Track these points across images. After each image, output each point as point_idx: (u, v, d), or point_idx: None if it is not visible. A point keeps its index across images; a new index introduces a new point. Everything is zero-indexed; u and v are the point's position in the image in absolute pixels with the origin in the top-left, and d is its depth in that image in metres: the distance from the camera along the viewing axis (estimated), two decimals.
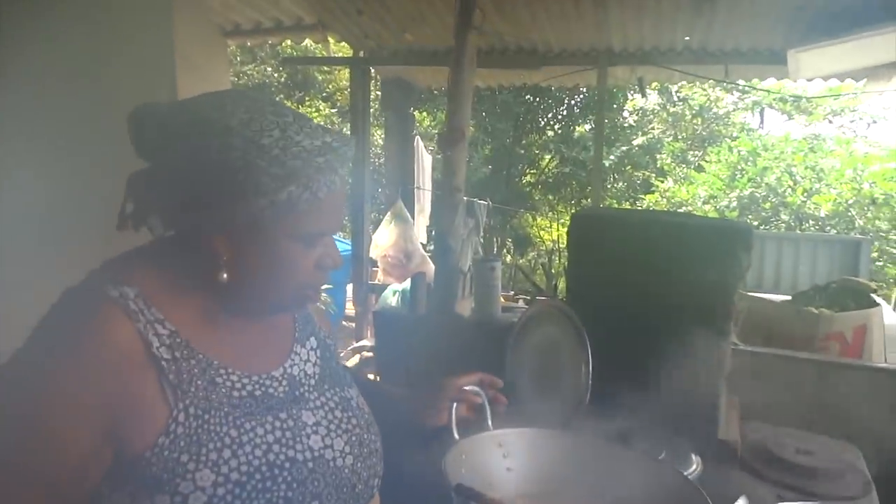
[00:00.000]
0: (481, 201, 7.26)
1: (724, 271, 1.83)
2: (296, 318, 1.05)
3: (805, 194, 8.08)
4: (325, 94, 14.42)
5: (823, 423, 2.26)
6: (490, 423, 1.26)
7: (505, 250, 14.06)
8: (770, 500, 1.68)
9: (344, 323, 6.88)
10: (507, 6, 4.08)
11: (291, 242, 0.87)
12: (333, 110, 13.97)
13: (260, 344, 0.96)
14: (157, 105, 0.88)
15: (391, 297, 4.45)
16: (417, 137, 7.17)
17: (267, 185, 0.80)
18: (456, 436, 1.19)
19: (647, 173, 13.47)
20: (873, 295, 2.83)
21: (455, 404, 1.22)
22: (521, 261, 13.68)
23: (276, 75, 13.42)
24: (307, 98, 14.01)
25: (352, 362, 4.57)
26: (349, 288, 6.21)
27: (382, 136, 8.71)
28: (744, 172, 8.98)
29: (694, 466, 1.60)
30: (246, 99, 0.86)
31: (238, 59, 12.22)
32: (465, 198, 3.30)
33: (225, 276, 0.85)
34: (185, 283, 0.88)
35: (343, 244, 5.55)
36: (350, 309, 6.40)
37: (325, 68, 12.99)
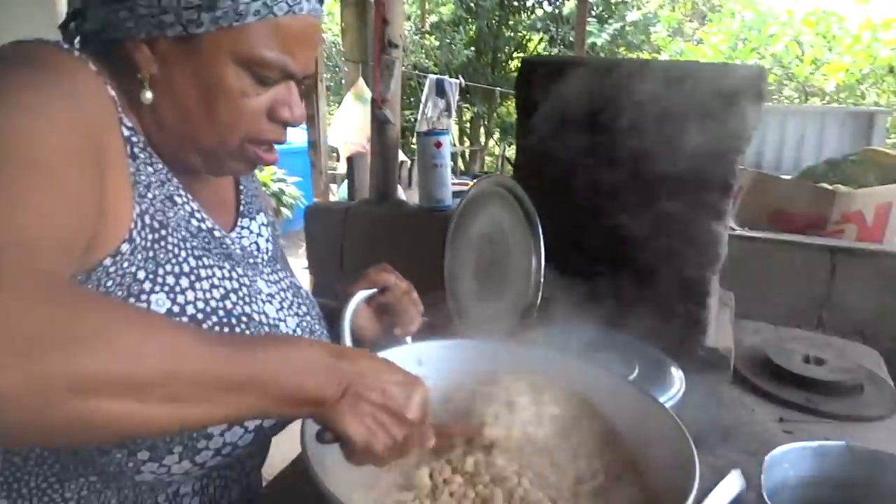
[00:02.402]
0: (452, 80, 6.56)
1: (725, 131, 1.35)
2: (241, 191, 0.96)
3: (814, 65, 7.40)
4: None
5: (836, 321, 1.88)
6: (406, 334, 1.05)
7: (491, 140, 13.45)
8: (770, 424, 1.31)
9: None
10: None
11: (236, 70, 0.74)
12: None
13: (211, 199, 0.87)
14: None
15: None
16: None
17: None
18: None
19: (639, 54, 12.65)
20: None
21: (348, 315, 0.97)
22: (508, 151, 13.09)
23: None
24: None
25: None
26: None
27: (339, 6, 7.77)
28: (746, 42, 8.22)
29: (676, 388, 1.21)
30: None
31: None
32: (433, 76, 2.74)
33: (149, 95, 0.74)
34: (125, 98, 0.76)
35: (299, 129, 5.04)
36: None
37: None
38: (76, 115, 0.65)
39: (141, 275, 0.72)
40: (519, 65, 1.57)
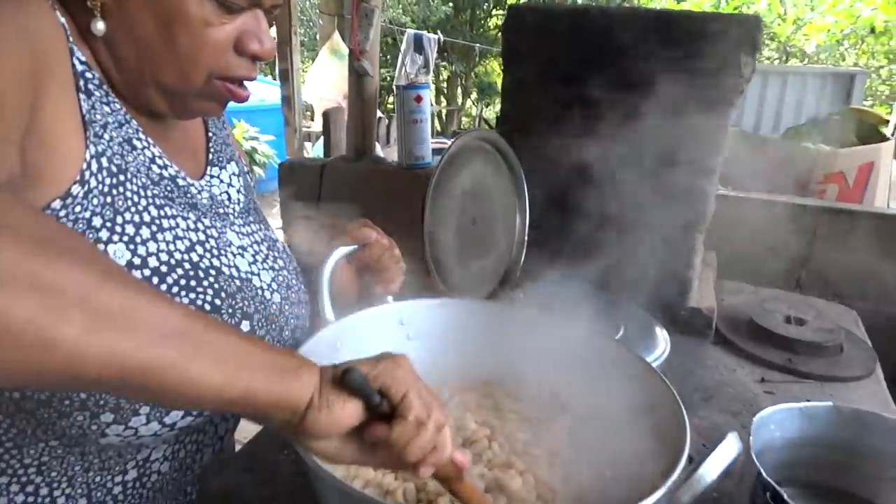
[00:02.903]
0: (431, 35, 6.37)
1: (716, 84, 1.31)
2: (210, 139, 0.90)
3: (795, 24, 7.34)
4: None
5: (815, 282, 1.88)
6: (388, 293, 0.99)
7: (469, 99, 13.25)
8: (752, 385, 1.30)
9: None
10: None
11: None
12: None
13: (177, 144, 0.82)
14: None
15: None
16: None
17: None
18: (329, 315, 0.91)
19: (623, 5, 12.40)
20: (883, 128, 2.37)
21: (327, 272, 0.92)
22: (486, 111, 12.91)
23: None
24: None
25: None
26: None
27: None
28: (729, 0, 8.10)
29: (661, 349, 1.19)
30: None
31: None
32: (411, 30, 2.64)
33: (101, 25, 0.67)
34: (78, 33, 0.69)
35: (271, 84, 4.87)
36: None
37: None
38: (13, 37, 0.59)
39: (97, 222, 0.66)
40: (499, 23, 1.50)
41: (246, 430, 1.04)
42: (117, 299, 0.46)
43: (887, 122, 2.47)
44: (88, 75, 0.68)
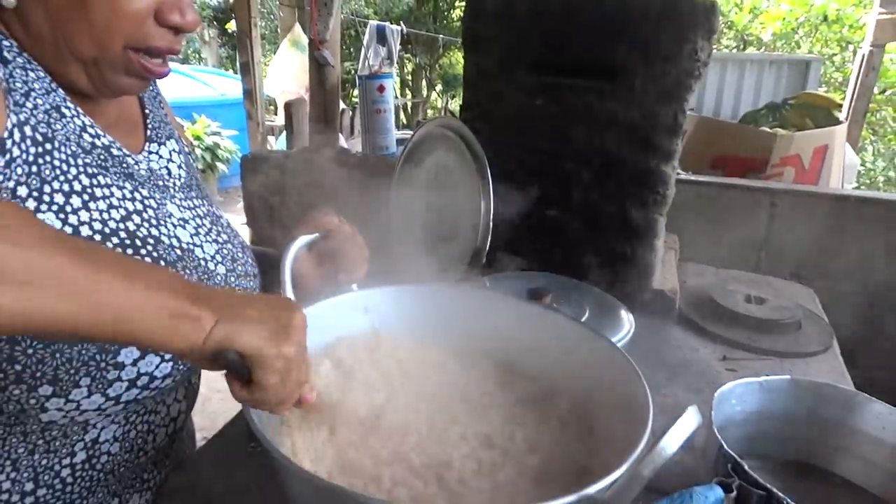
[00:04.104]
0: (394, 26, 6.33)
1: (674, 68, 1.32)
2: (147, 115, 0.88)
3: (752, 13, 7.49)
4: None
5: (774, 262, 1.92)
6: (352, 280, 0.98)
7: (434, 91, 13.20)
8: (714, 363, 1.33)
9: None
10: None
11: None
12: None
13: (112, 119, 0.80)
14: None
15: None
16: None
17: None
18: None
19: None
20: (836, 113, 2.43)
21: (288, 262, 0.90)
22: (451, 102, 12.88)
23: None
24: None
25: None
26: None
27: None
28: None
29: (626, 329, 1.20)
30: None
31: None
32: (374, 22, 2.62)
33: None
34: None
35: (233, 79, 4.78)
36: None
37: None
38: None
39: (22, 191, 0.64)
40: (462, 14, 1.49)
41: (212, 428, 1.03)
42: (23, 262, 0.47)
43: (840, 106, 2.54)
44: (6, 43, 0.67)
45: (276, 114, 6.15)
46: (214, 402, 2.59)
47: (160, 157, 0.86)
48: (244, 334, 0.56)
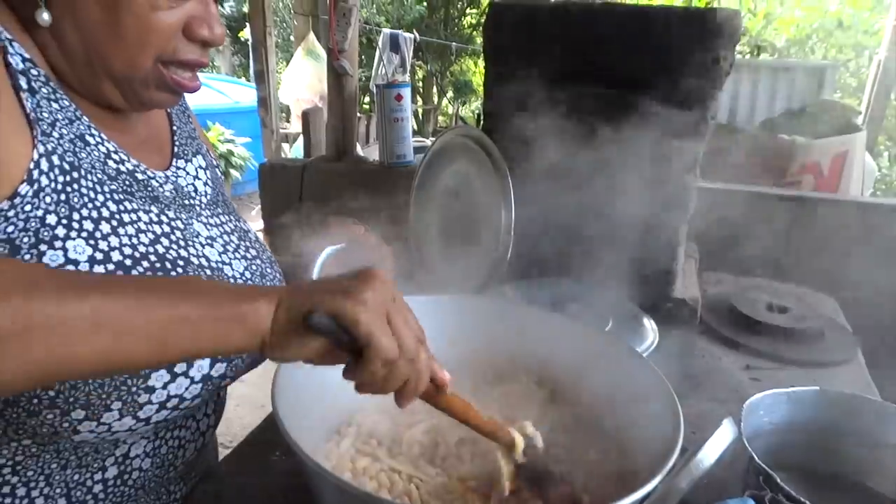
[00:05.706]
0: (407, 34, 6.35)
1: (697, 77, 1.32)
2: (174, 131, 0.89)
3: (765, 20, 7.46)
4: None
5: (794, 270, 1.90)
6: None
7: (445, 98, 13.21)
8: (738, 372, 1.32)
9: None
10: None
11: None
12: None
13: (140, 138, 0.82)
14: None
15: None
16: None
17: None
18: None
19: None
20: (855, 120, 2.42)
21: (316, 273, 0.93)
22: (462, 110, 12.89)
23: None
24: None
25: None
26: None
27: None
28: None
29: (650, 339, 1.20)
30: None
31: None
32: (387, 30, 2.63)
33: (46, 16, 0.67)
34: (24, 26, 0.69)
35: (246, 87, 4.82)
36: None
37: None
38: None
39: (51, 219, 0.66)
40: (473, 21, 1.49)
41: (227, 434, 1.03)
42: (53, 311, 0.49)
43: (859, 112, 2.52)
44: (34, 73, 0.68)
45: (289, 121, 6.18)
46: (230, 409, 2.60)
47: (187, 173, 0.87)
48: (314, 297, 0.55)
